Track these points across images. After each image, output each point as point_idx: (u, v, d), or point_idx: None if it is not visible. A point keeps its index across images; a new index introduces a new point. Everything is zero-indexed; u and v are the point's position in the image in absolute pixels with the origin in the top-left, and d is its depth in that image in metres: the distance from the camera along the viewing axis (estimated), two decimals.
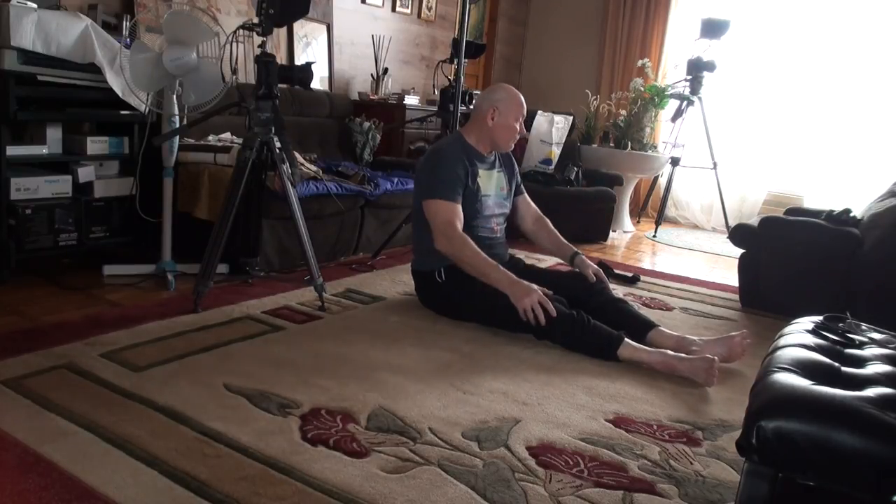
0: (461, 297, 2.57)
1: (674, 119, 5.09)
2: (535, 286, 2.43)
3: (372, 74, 4.78)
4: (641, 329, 2.46)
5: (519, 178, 2.96)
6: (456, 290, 2.59)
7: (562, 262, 2.97)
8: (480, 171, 2.71)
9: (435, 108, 4.26)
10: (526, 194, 3.00)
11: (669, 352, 2.30)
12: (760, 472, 1.15)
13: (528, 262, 2.98)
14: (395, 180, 3.72)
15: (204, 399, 1.81)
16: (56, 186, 2.77)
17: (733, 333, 2.44)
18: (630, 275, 3.60)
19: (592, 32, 6.34)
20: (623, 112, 5.33)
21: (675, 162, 5.12)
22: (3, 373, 1.86)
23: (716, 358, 2.22)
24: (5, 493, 1.35)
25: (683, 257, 4.56)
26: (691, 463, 1.71)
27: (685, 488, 1.59)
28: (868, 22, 5.14)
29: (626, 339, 2.33)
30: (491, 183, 2.75)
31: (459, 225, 2.57)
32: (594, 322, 2.38)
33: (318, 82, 4.44)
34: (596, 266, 2.77)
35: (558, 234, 2.92)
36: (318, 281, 2.68)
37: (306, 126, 4.10)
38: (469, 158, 2.68)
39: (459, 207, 2.60)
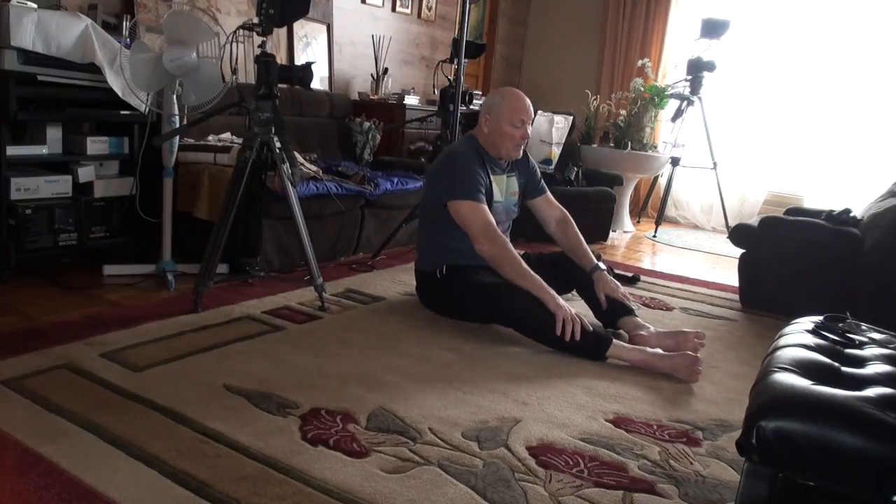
0: (461, 297, 2.57)
1: (674, 119, 5.08)
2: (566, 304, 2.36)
3: (372, 74, 4.78)
4: (620, 312, 2.57)
5: (539, 175, 2.86)
6: (456, 290, 2.58)
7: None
8: (493, 177, 2.65)
9: (435, 108, 4.26)
10: (548, 194, 2.87)
11: (648, 349, 2.33)
12: (760, 472, 1.15)
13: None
14: (395, 180, 3.72)
15: (204, 399, 1.81)
16: (56, 186, 2.77)
17: (687, 330, 2.47)
18: (630, 275, 3.60)
19: (592, 32, 6.33)
20: (623, 112, 5.33)
21: (675, 162, 5.12)
22: (3, 373, 1.86)
23: (699, 356, 2.23)
24: (5, 493, 1.35)
25: (683, 257, 4.56)
26: (691, 463, 1.71)
27: (685, 488, 1.59)
28: (868, 22, 5.13)
29: (615, 341, 2.35)
30: (502, 188, 2.70)
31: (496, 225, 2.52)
32: (584, 322, 2.37)
33: (318, 82, 4.44)
34: (614, 286, 2.60)
35: (582, 240, 2.74)
36: (318, 281, 2.68)
37: (306, 126, 4.10)
38: (482, 161, 2.63)
39: (487, 207, 2.53)
